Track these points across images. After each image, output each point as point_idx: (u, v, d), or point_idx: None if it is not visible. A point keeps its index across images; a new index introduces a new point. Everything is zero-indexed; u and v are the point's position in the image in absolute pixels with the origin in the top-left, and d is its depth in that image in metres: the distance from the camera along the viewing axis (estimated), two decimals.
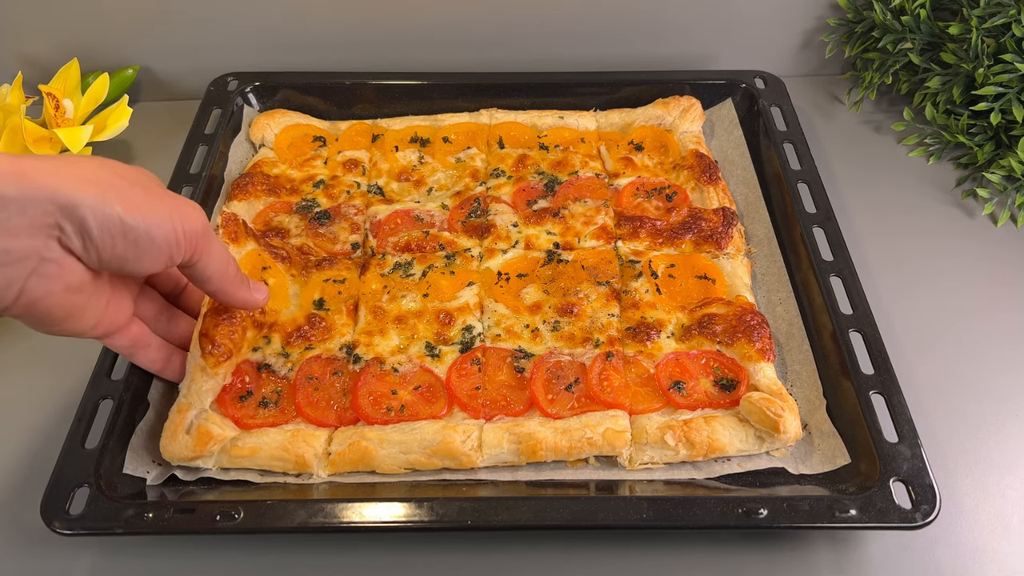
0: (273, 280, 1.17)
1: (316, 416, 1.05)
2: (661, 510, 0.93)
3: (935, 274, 1.33)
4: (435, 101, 1.52)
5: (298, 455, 1.00)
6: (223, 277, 0.95)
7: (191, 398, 1.03)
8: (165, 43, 1.60)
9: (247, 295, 1.00)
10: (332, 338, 1.13)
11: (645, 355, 1.12)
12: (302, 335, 1.12)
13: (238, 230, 1.19)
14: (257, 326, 1.12)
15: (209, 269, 0.91)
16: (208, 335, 1.05)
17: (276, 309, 1.15)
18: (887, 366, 1.07)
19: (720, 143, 1.50)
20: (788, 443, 1.04)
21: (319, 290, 1.19)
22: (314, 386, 1.07)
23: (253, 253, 1.19)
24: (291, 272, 1.20)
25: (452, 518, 0.93)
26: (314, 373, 1.09)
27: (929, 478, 0.96)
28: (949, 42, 1.49)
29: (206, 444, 0.99)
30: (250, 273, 1.14)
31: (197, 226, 0.86)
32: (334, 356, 1.11)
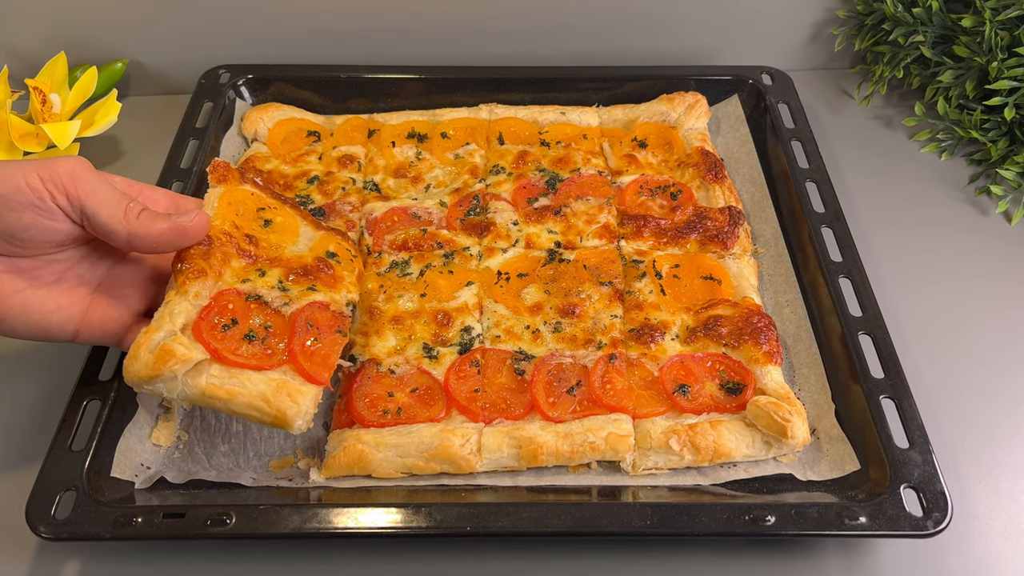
0: (280, 218, 1.11)
1: (310, 369, 0.97)
2: (665, 517, 0.93)
3: (947, 274, 1.33)
4: (433, 96, 1.53)
5: (279, 410, 0.93)
6: (125, 218, 0.90)
7: (161, 320, 0.94)
8: (155, 35, 1.60)
9: (167, 225, 0.93)
10: (339, 290, 1.07)
11: (649, 357, 1.12)
12: (308, 273, 1.05)
13: (228, 174, 1.11)
14: (247, 256, 1.04)
15: (102, 214, 0.89)
16: (179, 255, 0.98)
17: (280, 243, 1.09)
18: (897, 369, 1.07)
19: (726, 140, 1.50)
20: (796, 448, 1.04)
21: (334, 245, 1.13)
22: (313, 335, 1.00)
23: (243, 192, 1.10)
24: (304, 219, 1.15)
25: (451, 524, 0.93)
26: (316, 321, 1.01)
27: (941, 484, 0.96)
28: (962, 35, 1.49)
29: (166, 362, 0.90)
30: (243, 214, 1.08)
31: (61, 169, 0.86)
32: (341, 312, 1.05)
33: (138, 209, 0.91)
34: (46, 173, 0.85)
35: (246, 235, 1.06)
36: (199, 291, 0.97)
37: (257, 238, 1.07)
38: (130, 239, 0.91)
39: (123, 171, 1.49)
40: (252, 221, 1.09)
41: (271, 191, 1.16)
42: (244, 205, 1.09)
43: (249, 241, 1.05)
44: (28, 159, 0.89)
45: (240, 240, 1.04)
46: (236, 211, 1.07)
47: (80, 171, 0.88)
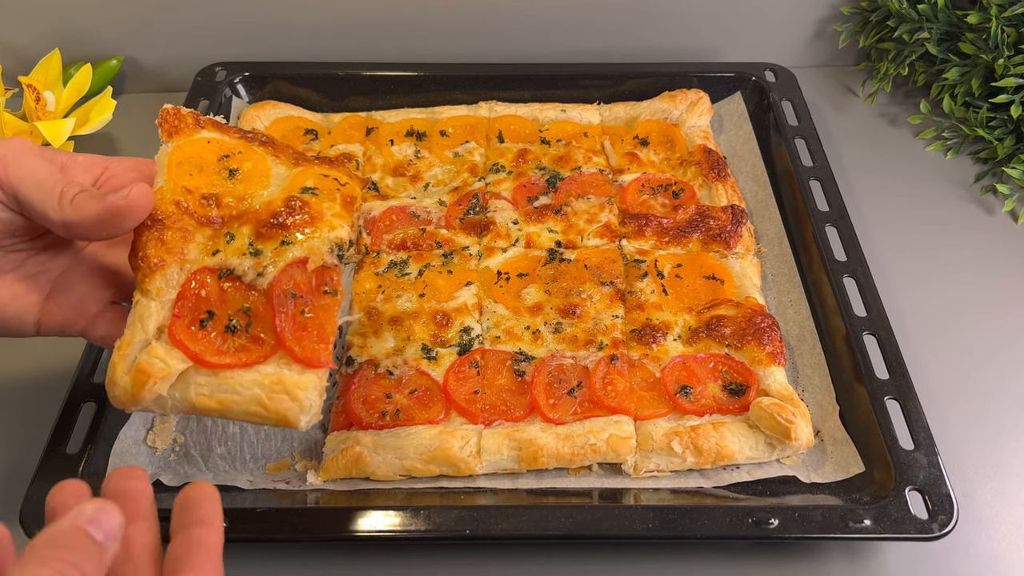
0: (249, 164, 0.94)
1: (304, 353, 0.84)
2: (667, 520, 0.94)
3: (952, 274, 1.33)
4: (432, 93, 1.53)
5: (279, 413, 0.82)
6: (59, 203, 0.81)
7: (133, 329, 0.83)
8: (150, 32, 1.60)
9: (100, 206, 0.81)
10: (318, 231, 0.88)
11: (651, 358, 1.13)
12: (278, 222, 0.88)
13: (180, 123, 0.94)
14: (210, 222, 0.89)
15: (35, 200, 0.81)
16: (132, 246, 0.86)
17: (247, 193, 0.91)
18: (902, 370, 1.07)
19: (729, 138, 1.50)
20: (800, 450, 1.04)
21: (314, 179, 0.94)
22: (300, 306, 0.85)
23: (198, 143, 0.93)
24: (276, 157, 0.96)
25: (450, 527, 0.93)
26: (299, 287, 0.86)
27: (946, 487, 0.96)
28: (968, 31, 1.49)
29: (144, 384, 0.80)
30: (202, 169, 0.92)
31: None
32: (324, 263, 0.88)
33: (74, 191, 0.81)
34: None
35: (203, 197, 0.89)
36: (163, 285, 0.85)
37: (219, 195, 0.90)
38: (66, 227, 0.82)
39: None
40: (213, 175, 0.92)
41: (237, 131, 0.98)
42: (201, 158, 0.92)
43: (208, 203, 0.89)
44: None
45: (196, 205, 0.88)
46: (189, 170, 0.91)
47: (13, 154, 0.81)
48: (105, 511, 0.64)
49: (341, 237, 0.89)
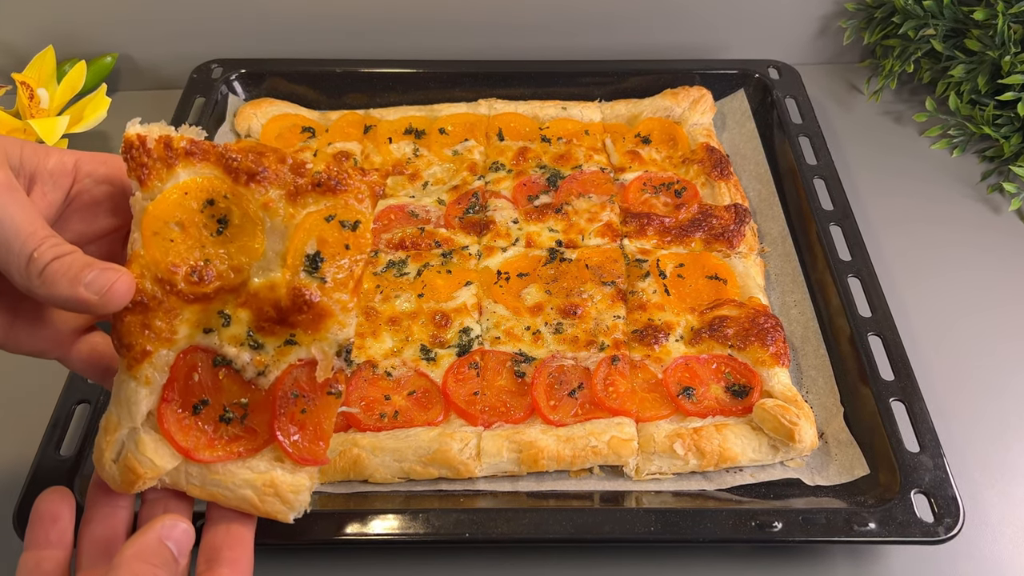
0: (238, 209, 0.80)
1: (301, 454, 0.81)
2: (669, 523, 0.94)
3: (958, 273, 1.33)
4: (431, 91, 1.53)
5: (271, 515, 0.81)
6: (27, 268, 0.70)
7: (120, 415, 0.79)
8: (145, 29, 1.60)
9: (70, 292, 0.71)
10: (325, 329, 0.80)
11: (653, 359, 1.13)
12: (283, 317, 0.79)
13: (149, 162, 0.79)
14: (199, 298, 0.79)
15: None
16: (115, 329, 0.77)
17: (242, 262, 0.80)
18: (908, 372, 1.07)
19: (732, 136, 1.50)
20: (803, 453, 1.04)
21: (316, 232, 0.80)
22: (301, 406, 0.80)
23: (175, 197, 0.79)
24: (267, 199, 0.80)
25: (449, 531, 0.93)
26: (302, 387, 0.81)
27: (952, 489, 0.96)
28: (974, 28, 1.49)
29: (133, 484, 0.78)
30: (184, 229, 0.79)
31: None
32: (331, 367, 0.81)
33: (48, 257, 0.70)
34: None
35: (191, 271, 0.78)
36: (151, 373, 0.78)
37: (208, 264, 0.79)
38: (30, 294, 0.72)
39: None
40: (198, 232, 0.80)
41: (219, 156, 0.82)
42: (182, 215, 0.80)
43: (198, 279, 0.79)
44: None
45: (184, 283, 0.78)
46: (170, 236, 0.79)
47: None
48: (178, 527, 0.70)
49: (350, 337, 0.81)
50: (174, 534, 0.68)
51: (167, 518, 0.70)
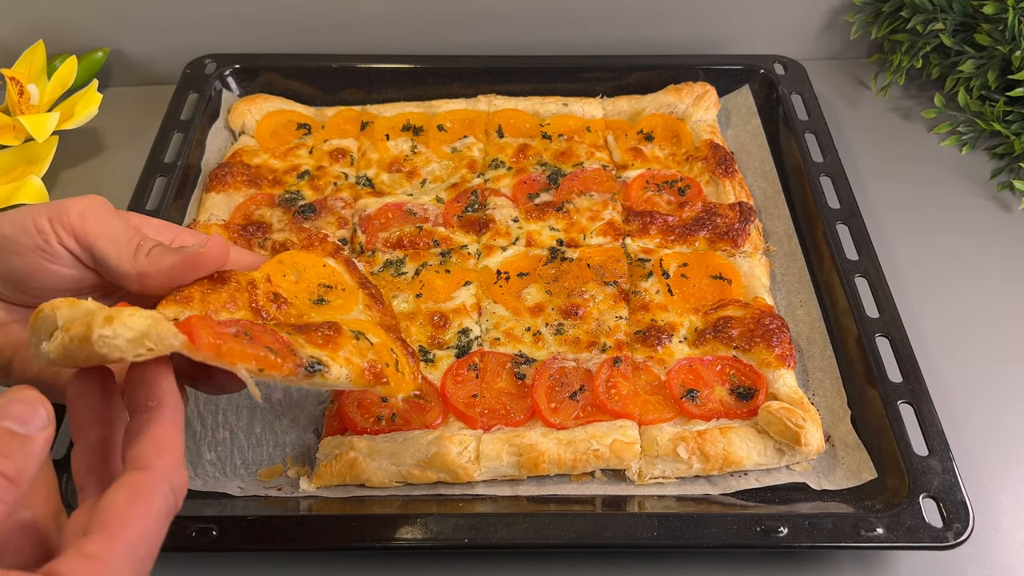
0: (340, 302, 0.93)
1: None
2: (673, 528, 0.93)
3: (968, 273, 1.33)
4: (429, 86, 1.53)
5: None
6: (134, 257, 0.84)
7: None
8: (137, 23, 1.60)
9: (177, 256, 0.83)
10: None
11: (656, 361, 1.13)
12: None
13: (319, 244, 0.99)
14: (257, 312, 0.85)
15: (111, 255, 0.84)
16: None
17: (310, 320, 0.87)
18: (916, 373, 1.07)
19: (736, 133, 1.50)
20: (810, 456, 1.04)
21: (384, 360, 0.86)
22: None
23: (316, 259, 0.97)
24: (369, 309, 0.97)
25: (447, 536, 0.93)
26: None
27: (961, 494, 0.96)
28: (984, 22, 1.49)
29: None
30: (303, 276, 0.93)
31: (72, 209, 0.84)
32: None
33: (149, 246, 0.85)
34: (55, 213, 0.83)
35: (275, 295, 0.88)
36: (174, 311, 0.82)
37: (289, 306, 0.88)
38: (141, 279, 0.84)
39: (104, 166, 1.50)
40: (303, 292, 0.92)
41: (359, 275, 0.99)
42: (306, 271, 0.94)
43: (274, 303, 0.87)
44: (45, 202, 0.88)
45: (263, 296, 0.87)
46: (285, 272, 0.92)
47: (92, 210, 0.85)
48: (23, 403, 0.64)
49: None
50: (9, 410, 0.63)
51: (9, 391, 0.65)
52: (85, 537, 0.60)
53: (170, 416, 0.69)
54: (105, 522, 0.61)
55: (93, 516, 0.62)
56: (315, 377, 0.76)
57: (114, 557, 0.60)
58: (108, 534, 0.60)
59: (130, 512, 0.62)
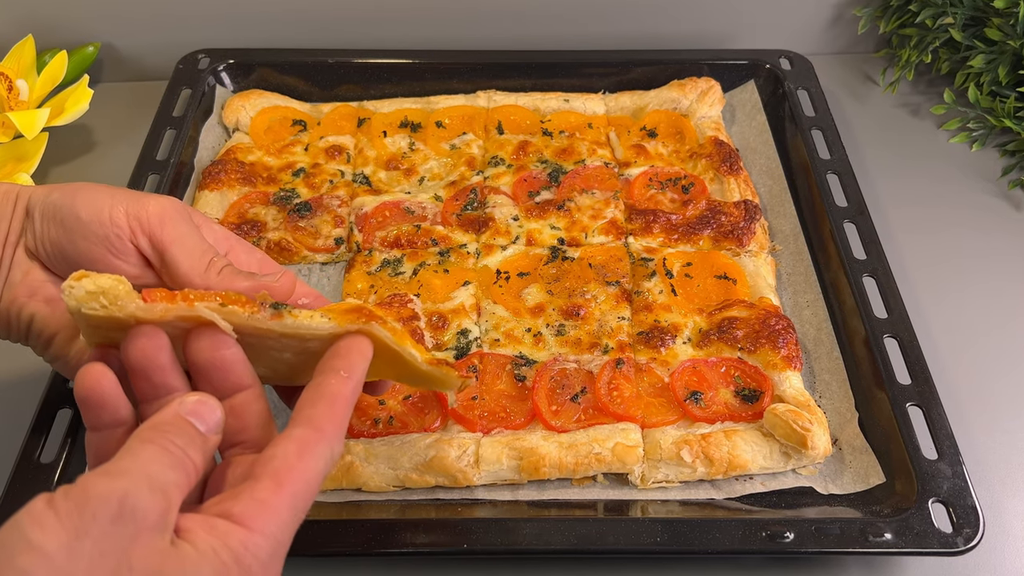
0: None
1: None
2: (676, 533, 0.93)
3: (978, 273, 1.33)
4: (427, 82, 1.53)
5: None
6: (206, 272, 0.86)
7: None
8: (129, 17, 1.60)
9: (249, 283, 0.85)
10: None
11: (659, 362, 1.13)
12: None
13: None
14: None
15: (182, 264, 0.86)
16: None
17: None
18: (925, 375, 1.07)
19: (742, 129, 1.50)
20: (816, 460, 1.04)
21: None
22: None
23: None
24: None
25: (446, 541, 0.93)
26: None
27: (972, 498, 0.96)
28: (994, 16, 1.49)
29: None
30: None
31: (151, 208, 0.85)
32: None
33: (221, 264, 0.87)
34: (134, 209, 0.85)
35: None
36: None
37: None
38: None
39: (95, 163, 1.50)
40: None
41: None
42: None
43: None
44: (122, 189, 0.87)
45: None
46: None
47: (171, 214, 0.86)
48: (207, 404, 0.69)
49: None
50: (196, 408, 0.68)
51: (187, 395, 0.70)
52: (256, 481, 0.65)
53: (352, 390, 0.73)
54: (276, 471, 0.66)
55: (262, 462, 0.67)
56: (284, 316, 0.74)
57: (282, 504, 0.65)
58: (278, 481, 0.65)
59: (298, 465, 0.67)
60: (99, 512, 0.57)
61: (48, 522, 0.56)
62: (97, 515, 0.56)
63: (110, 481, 0.59)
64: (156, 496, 0.60)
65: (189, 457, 0.65)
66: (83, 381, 0.70)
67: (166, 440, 0.64)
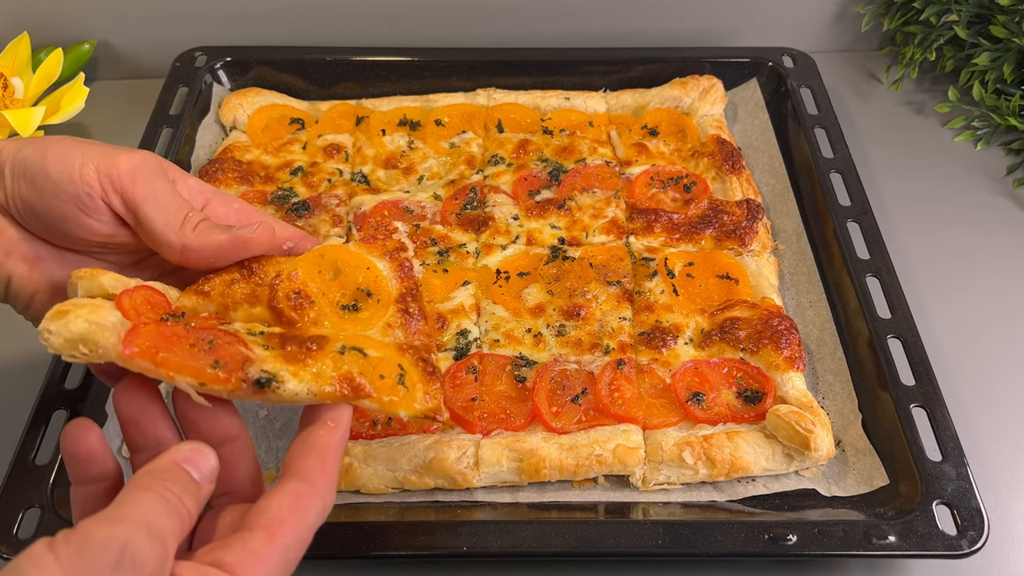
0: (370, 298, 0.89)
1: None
2: (678, 535, 0.94)
3: (983, 273, 1.33)
4: (427, 80, 1.53)
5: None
6: (181, 229, 0.84)
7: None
8: (125, 15, 1.60)
9: (225, 236, 0.84)
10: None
11: (660, 363, 1.13)
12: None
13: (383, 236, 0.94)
14: (278, 314, 0.84)
15: (156, 221, 0.83)
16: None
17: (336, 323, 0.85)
18: (929, 376, 1.07)
19: (744, 128, 1.50)
20: (819, 462, 1.04)
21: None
22: None
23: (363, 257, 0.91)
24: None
25: (446, 544, 0.93)
26: None
27: (976, 501, 0.96)
28: (999, 14, 1.49)
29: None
30: (343, 274, 0.89)
31: (122, 165, 0.83)
32: None
33: (196, 219, 0.85)
34: (105, 165, 0.82)
35: (293, 292, 0.85)
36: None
37: (308, 298, 0.85)
38: (184, 252, 0.84)
39: None
40: (336, 292, 0.89)
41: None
42: (346, 271, 0.90)
43: (292, 300, 0.84)
44: (94, 144, 0.84)
45: (281, 295, 0.84)
46: (321, 268, 0.89)
47: (144, 170, 0.84)
48: (201, 452, 0.70)
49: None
50: (192, 456, 0.70)
51: (183, 443, 0.71)
52: (249, 532, 0.67)
53: (340, 440, 0.76)
54: (269, 523, 0.68)
55: (255, 514, 0.69)
56: (267, 393, 0.74)
57: (274, 556, 0.67)
58: (271, 534, 0.67)
59: (291, 518, 0.69)
60: (100, 558, 0.58)
61: (48, 566, 0.57)
62: (98, 561, 0.57)
63: (111, 527, 0.60)
64: (155, 544, 0.61)
65: (184, 505, 0.66)
66: (70, 437, 0.72)
67: (163, 488, 0.66)
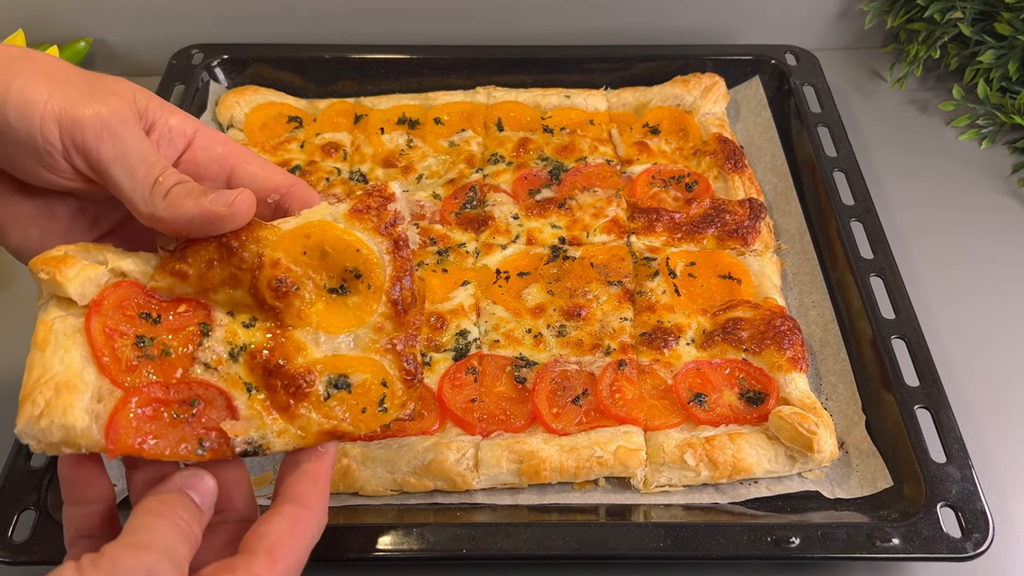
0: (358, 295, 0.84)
1: None
2: (680, 538, 0.94)
3: (987, 273, 1.33)
4: (426, 78, 1.53)
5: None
6: (150, 195, 0.78)
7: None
8: (121, 11, 1.60)
9: (196, 210, 0.77)
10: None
11: (662, 364, 1.13)
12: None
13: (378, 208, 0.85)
14: (267, 308, 0.81)
15: (124, 184, 0.78)
16: (182, 245, 0.80)
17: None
18: (934, 377, 1.07)
19: (746, 126, 1.50)
20: (823, 463, 1.04)
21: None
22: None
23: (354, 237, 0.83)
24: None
25: (445, 547, 0.93)
26: None
27: (981, 503, 0.96)
28: (1004, 11, 1.49)
29: None
30: (320, 254, 0.83)
31: (86, 121, 0.76)
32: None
33: (169, 184, 0.78)
34: (68, 122, 0.75)
35: (276, 280, 0.81)
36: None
37: (291, 286, 0.81)
38: (153, 223, 0.79)
39: None
40: (328, 273, 0.83)
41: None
42: (330, 247, 0.83)
43: (275, 289, 0.81)
44: (61, 80, 0.77)
45: (263, 284, 0.80)
46: (302, 247, 0.83)
47: (112, 124, 0.77)
48: (200, 478, 0.75)
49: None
50: (194, 483, 0.73)
51: (187, 470, 0.75)
52: (252, 556, 0.70)
53: (329, 464, 0.79)
54: (271, 547, 0.71)
55: (255, 537, 0.72)
56: (255, 456, 0.78)
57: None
58: (272, 558, 0.70)
59: (291, 542, 0.73)
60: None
61: None
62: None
63: (138, 555, 0.64)
64: (175, 571, 0.65)
65: (193, 531, 0.70)
66: (68, 459, 0.74)
67: (175, 515, 0.69)
